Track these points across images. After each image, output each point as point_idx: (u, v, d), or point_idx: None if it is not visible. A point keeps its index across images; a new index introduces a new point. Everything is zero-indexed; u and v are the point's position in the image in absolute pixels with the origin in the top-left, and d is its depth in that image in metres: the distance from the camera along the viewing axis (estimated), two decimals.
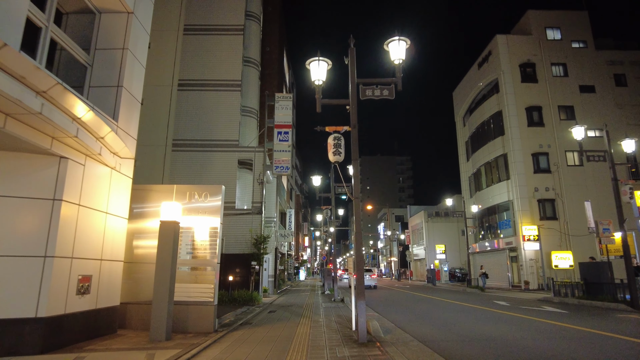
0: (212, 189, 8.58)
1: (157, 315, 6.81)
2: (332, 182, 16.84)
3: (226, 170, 16.80)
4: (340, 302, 14.59)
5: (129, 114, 8.10)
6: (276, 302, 15.49)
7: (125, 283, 8.09)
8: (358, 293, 6.51)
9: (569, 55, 26.89)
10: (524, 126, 25.76)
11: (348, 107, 7.42)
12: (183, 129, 17.39)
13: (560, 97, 26.14)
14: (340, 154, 7.19)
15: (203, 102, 17.76)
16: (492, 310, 11.86)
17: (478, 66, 30.53)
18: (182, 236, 8.23)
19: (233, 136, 17.30)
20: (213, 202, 8.47)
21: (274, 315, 10.95)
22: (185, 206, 8.38)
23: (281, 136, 16.87)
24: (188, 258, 8.18)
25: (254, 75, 20.73)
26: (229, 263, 15.51)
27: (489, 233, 29.50)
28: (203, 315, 7.90)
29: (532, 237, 23.42)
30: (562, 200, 24.38)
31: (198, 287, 8.04)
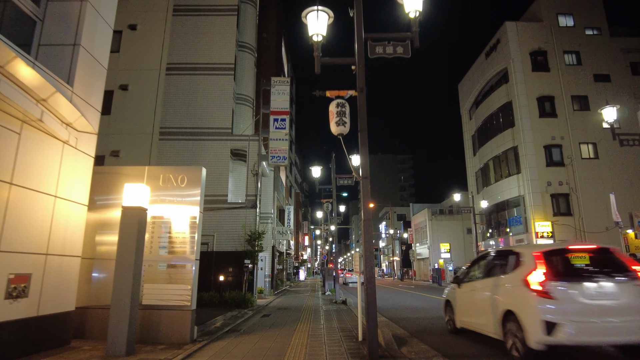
0: (190, 172, 7.21)
1: (115, 323, 5.44)
2: (333, 173, 15.47)
3: (218, 160, 15.43)
4: (342, 305, 13.22)
5: (90, 80, 6.72)
6: (272, 305, 14.11)
7: (85, 284, 6.72)
8: (369, 297, 5.12)
9: (582, 43, 25.50)
10: (535, 117, 24.37)
11: (354, 68, 6.05)
12: (171, 117, 16.03)
13: (574, 86, 24.75)
14: (345, 124, 5.81)
15: (193, 87, 16.40)
16: None
17: (485, 56, 29.14)
18: (153, 227, 6.86)
19: (225, 124, 15.93)
20: (191, 187, 7.09)
21: (268, 321, 9.57)
22: (159, 192, 7.01)
23: (277, 123, 15.50)
24: (160, 253, 6.80)
25: (250, 61, 19.36)
26: (220, 261, 14.15)
27: (497, 230, 28.10)
28: (178, 322, 6.52)
29: (546, 234, 22.03)
30: (576, 195, 22.99)
31: (172, 288, 6.66)
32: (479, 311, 6.32)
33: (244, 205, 14.91)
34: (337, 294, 14.41)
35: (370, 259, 5.36)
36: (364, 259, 5.32)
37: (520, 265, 5.42)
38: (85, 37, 6.54)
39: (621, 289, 4.85)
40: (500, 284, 5.79)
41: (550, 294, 4.81)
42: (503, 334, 5.40)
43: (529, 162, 23.59)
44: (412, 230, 49.53)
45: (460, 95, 34.61)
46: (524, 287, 5.08)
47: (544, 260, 5.14)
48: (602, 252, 5.35)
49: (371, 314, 5.19)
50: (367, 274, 5.32)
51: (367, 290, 5.23)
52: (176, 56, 16.70)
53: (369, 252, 5.37)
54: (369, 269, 5.34)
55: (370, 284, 5.23)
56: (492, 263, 6.54)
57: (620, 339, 4.78)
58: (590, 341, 4.80)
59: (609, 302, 4.77)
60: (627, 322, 4.68)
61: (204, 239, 14.55)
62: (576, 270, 5.11)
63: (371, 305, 5.19)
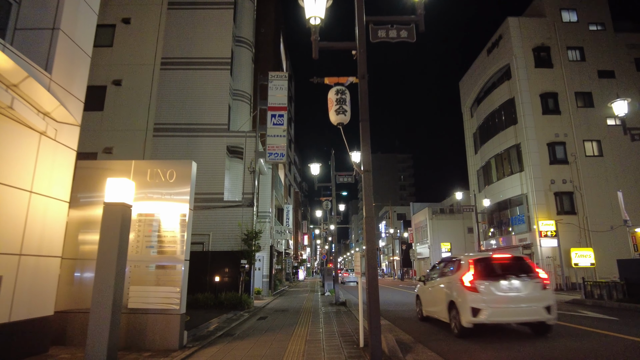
0: (179, 167, 6.76)
1: (95, 328, 4.99)
2: (333, 171, 15.01)
3: (214, 157, 14.98)
4: (341, 306, 12.78)
5: (71, 67, 6.27)
6: (269, 306, 13.67)
7: (66, 286, 6.27)
8: (371, 300, 4.67)
9: (586, 39, 25.05)
10: (538, 114, 23.92)
11: (354, 53, 5.60)
12: (166, 112, 15.57)
13: (578, 83, 24.29)
14: (345, 113, 5.35)
15: (188, 82, 15.94)
16: None
17: (487, 52, 28.68)
18: (140, 226, 6.42)
19: (221, 120, 15.46)
20: (180, 182, 6.64)
21: (264, 324, 9.12)
22: (146, 188, 6.56)
23: (275, 119, 15.05)
24: (148, 253, 6.35)
25: (247, 56, 18.91)
26: (216, 262, 13.70)
27: (499, 229, 27.66)
28: (166, 327, 6.07)
29: (550, 233, 21.58)
30: (580, 193, 22.55)
31: (160, 290, 6.21)
32: (436, 302, 8.25)
33: (241, 204, 14.46)
34: (337, 295, 13.96)
35: (373, 259, 4.91)
36: (365, 259, 4.86)
37: (459, 269, 7.41)
38: (66, 21, 6.08)
39: (525, 284, 6.83)
40: (448, 282, 7.74)
41: (476, 288, 6.78)
42: (449, 318, 7.33)
43: (532, 160, 23.14)
44: (412, 230, 49.10)
45: (461, 93, 34.15)
46: (460, 284, 7.02)
47: (474, 265, 7.12)
48: (515, 260, 7.40)
49: (374, 318, 4.75)
50: (369, 275, 4.87)
51: (369, 293, 4.78)
52: (171, 50, 16.25)
53: (372, 252, 4.93)
54: (371, 269, 4.89)
55: (373, 286, 4.79)
56: (444, 266, 8.55)
57: (523, 319, 6.90)
58: (502, 320, 6.97)
59: (516, 293, 6.77)
60: (527, 307, 6.72)
61: (199, 239, 14.10)
62: (495, 272, 7.06)
63: (374, 310, 4.74)
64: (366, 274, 4.90)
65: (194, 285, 13.36)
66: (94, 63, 16.27)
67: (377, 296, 4.74)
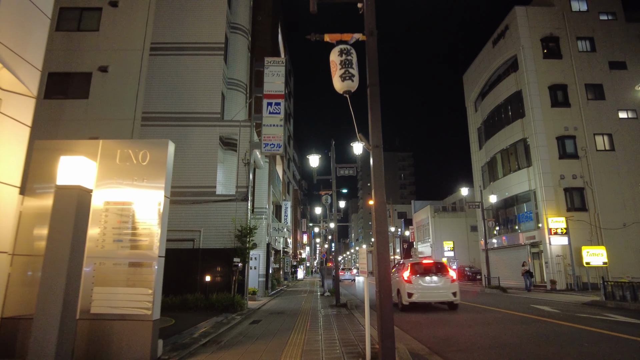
0: (154, 147, 5.78)
1: (41, 338, 4.03)
2: (333, 163, 14.04)
3: (206, 148, 14.00)
4: (342, 308, 11.82)
5: (24, 27, 5.28)
6: (265, 308, 12.70)
7: (18, 287, 5.29)
8: (384, 307, 3.70)
9: (596, 29, 24.08)
10: (547, 107, 22.96)
11: (360, 5, 4.62)
12: (155, 101, 14.58)
13: (588, 74, 23.33)
14: (352, 78, 4.37)
15: (179, 68, 14.95)
16: (547, 320, 9.07)
17: (493, 44, 27.70)
18: (106, 216, 5.45)
19: (214, 108, 14.48)
20: (155, 166, 5.67)
21: (256, 329, 8.15)
22: (115, 172, 5.59)
23: (271, 108, 14.06)
24: (115, 249, 5.37)
25: (243, 44, 17.91)
26: (208, 260, 12.74)
27: (505, 227, 26.72)
28: (136, 335, 5.10)
29: (560, 231, 20.63)
30: (591, 189, 21.60)
31: (130, 292, 5.24)
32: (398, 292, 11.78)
33: (235, 198, 13.48)
34: (337, 296, 13.00)
35: (384, 253, 3.94)
36: (375, 254, 3.88)
37: (403, 268, 11.88)
38: None
39: (440, 279, 11.08)
40: (396, 277, 11.92)
41: (411, 281, 11.04)
42: (397, 299, 11.37)
43: (541, 155, 22.18)
44: (413, 228, 48.18)
45: (465, 87, 33.19)
46: (401, 278, 11.27)
47: (410, 266, 11.56)
48: (436, 263, 12.00)
49: (386, 329, 3.78)
50: (380, 274, 3.90)
51: (380, 297, 3.80)
52: (161, 35, 15.26)
53: (383, 246, 3.95)
54: (382, 268, 3.91)
55: (384, 288, 3.81)
56: (397, 268, 13.02)
57: (439, 300, 11.19)
58: (426, 300, 11.13)
59: (435, 284, 11.01)
60: (441, 292, 11.03)
61: (190, 235, 13.14)
62: (423, 271, 11.37)
63: (387, 318, 3.77)
64: (376, 273, 3.92)
65: (183, 286, 12.43)
66: (78, 48, 15.41)
67: (389, 301, 3.78)
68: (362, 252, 5.38)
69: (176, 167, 14.13)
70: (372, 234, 4.61)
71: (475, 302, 13.62)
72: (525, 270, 20.30)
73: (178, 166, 14.28)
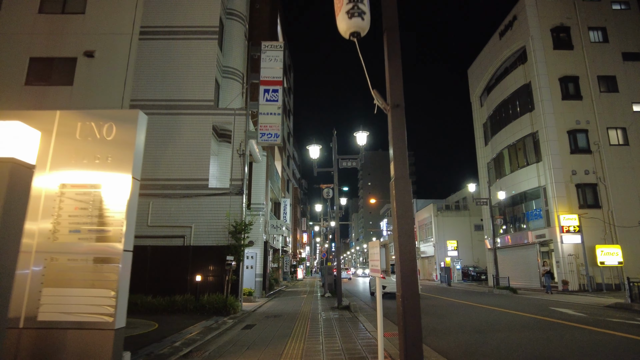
0: (121, 118, 4.82)
1: None
2: (335, 154, 13.07)
3: (198, 138, 13.02)
4: (345, 311, 10.85)
5: None
6: (261, 310, 11.73)
7: None
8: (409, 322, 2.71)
9: (608, 18, 23.09)
10: (557, 99, 21.97)
11: None
12: (144, 88, 13.61)
13: (600, 66, 22.35)
14: (362, 16, 3.36)
15: (170, 53, 13.96)
16: (579, 326, 8.09)
17: (499, 35, 26.72)
18: (61, 201, 4.48)
19: (207, 95, 13.49)
20: (122, 141, 4.70)
21: (249, 335, 7.18)
22: (74, 148, 4.62)
23: (269, 95, 13.09)
24: (71, 241, 4.40)
25: (239, 30, 16.92)
26: (199, 258, 11.76)
27: (513, 226, 25.73)
28: (93, 348, 4.12)
29: (573, 228, 19.64)
30: (605, 185, 20.61)
31: (87, 295, 4.25)
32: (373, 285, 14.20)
33: (229, 192, 12.50)
34: (339, 297, 12.02)
35: (408, 245, 2.95)
36: (396, 247, 2.89)
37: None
38: None
39: None
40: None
41: (384, 277, 13.65)
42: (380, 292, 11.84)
43: (552, 149, 21.19)
44: (415, 227, 47.20)
45: (470, 81, 32.21)
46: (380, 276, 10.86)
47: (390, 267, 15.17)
48: None
49: (412, 344, 2.79)
50: (403, 271, 2.91)
51: (404, 306, 2.81)
52: (151, 18, 14.28)
53: (406, 235, 2.97)
54: (405, 262, 2.92)
55: (410, 292, 2.83)
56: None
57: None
58: (393, 291, 12.80)
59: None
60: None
61: (180, 232, 12.16)
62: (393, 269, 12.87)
63: (412, 336, 2.78)
64: (398, 271, 2.93)
65: (172, 286, 11.45)
66: (62, 32, 14.44)
67: (417, 312, 2.79)
68: (373, 247, 4.40)
69: (166, 158, 13.22)
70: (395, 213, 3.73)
71: (488, 304, 12.64)
72: (546, 270, 18.93)
73: (168, 157, 13.35)
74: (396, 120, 3.18)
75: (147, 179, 12.61)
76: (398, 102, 3.22)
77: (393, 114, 3.19)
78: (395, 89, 3.24)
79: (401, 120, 3.19)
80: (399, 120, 3.18)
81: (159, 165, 12.75)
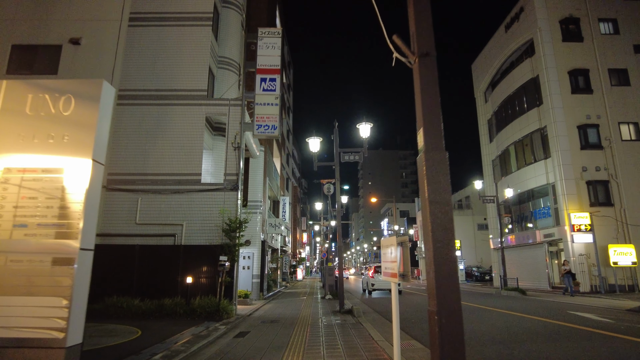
0: (81, 89, 4.00)
1: None
2: (336, 147, 12.24)
3: (190, 130, 12.19)
4: (348, 315, 10.03)
5: None
6: (257, 314, 10.91)
7: None
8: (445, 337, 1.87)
9: (619, 10, 22.28)
10: (567, 93, 21.15)
11: None
12: (133, 77, 12.79)
13: (611, 58, 21.53)
14: None
15: (161, 41, 13.14)
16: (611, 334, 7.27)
17: (505, 28, 25.91)
18: (4, 189, 3.67)
19: (200, 85, 12.67)
20: (82, 116, 3.89)
21: (240, 346, 6.36)
22: (23, 125, 3.81)
23: (266, 84, 12.27)
24: (16, 237, 3.58)
25: (235, 19, 16.10)
26: (191, 258, 10.93)
27: (519, 225, 24.91)
28: None
29: (584, 227, 18.83)
30: (617, 182, 19.80)
31: (31, 304, 3.44)
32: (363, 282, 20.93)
33: (223, 187, 11.67)
34: (341, 300, 11.20)
35: (446, 242, 2.13)
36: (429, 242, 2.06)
37: (369, 269, 20.32)
38: None
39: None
40: (366, 274, 20.64)
41: (373, 276, 18.58)
42: (367, 288, 19.54)
43: (561, 145, 20.37)
44: (417, 227, 46.37)
45: (474, 77, 31.39)
46: (369, 275, 19.56)
47: (374, 267, 19.55)
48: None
49: None
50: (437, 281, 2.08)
51: (441, 333, 1.99)
52: (141, 4, 13.47)
53: (442, 227, 2.14)
54: (441, 267, 2.10)
55: (448, 309, 2.00)
56: (367, 268, 21.71)
57: (389, 287, 17.18)
58: (383, 288, 18.43)
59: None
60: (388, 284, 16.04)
61: (170, 230, 11.35)
62: (379, 269, 17.20)
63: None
64: (430, 277, 2.10)
65: (161, 288, 10.61)
66: (46, 17, 13.60)
67: (459, 338, 1.98)
68: (388, 244, 3.57)
69: (156, 152, 12.36)
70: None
71: (499, 307, 11.81)
72: (567, 270, 17.28)
73: (158, 151, 12.51)
74: (426, 74, 2.38)
75: (135, 174, 11.82)
76: (427, 49, 2.41)
77: (421, 66, 2.39)
78: (423, 33, 2.43)
79: (432, 74, 2.39)
80: (429, 73, 2.38)
81: (148, 159, 11.93)
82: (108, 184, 11.68)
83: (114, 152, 11.94)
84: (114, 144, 12.02)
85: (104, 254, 11.03)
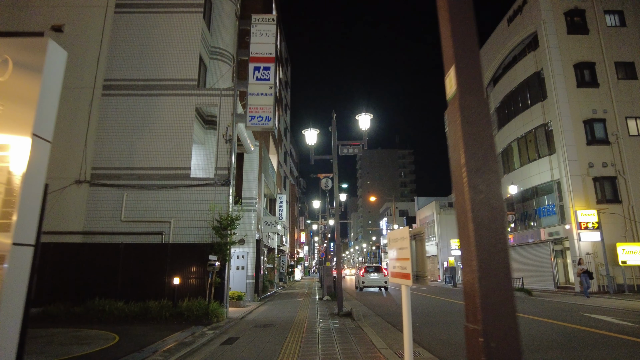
0: (21, 49, 3.28)
1: None
2: (334, 140, 11.55)
3: (179, 122, 11.48)
4: (347, 318, 9.34)
5: None
6: (250, 317, 10.20)
7: None
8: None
9: (626, 1, 21.65)
10: (572, 87, 20.51)
11: None
12: (119, 66, 12.07)
13: (617, 51, 20.90)
14: None
15: (149, 28, 12.42)
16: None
17: (508, 22, 25.25)
18: None
19: (190, 74, 11.95)
20: (22, 81, 3.18)
21: (226, 355, 5.65)
22: None
23: (259, 73, 11.56)
24: None
25: (229, 9, 15.38)
26: (179, 258, 10.22)
27: (523, 223, 24.26)
28: None
29: (591, 225, 18.17)
30: (624, 178, 19.16)
31: None
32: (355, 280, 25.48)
33: (213, 182, 10.96)
34: (340, 302, 10.51)
35: (494, 228, 1.42)
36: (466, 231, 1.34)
37: (360, 268, 24.11)
38: None
39: (378, 274, 21.41)
40: (357, 273, 24.57)
41: (363, 275, 21.52)
42: (358, 286, 22.42)
43: (566, 140, 19.73)
44: (417, 226, 45.71)
45: None
46: (359, 274, 22.45)
47: (364, 267, 22.72)
48: (376, 265, 23.29)
49: None
50: (481, 288, 1.36)
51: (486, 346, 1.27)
52: None
53: (488, 205, 1.44)
54: (486, 264, 1.38)
55: (500, 328, 1.28)
56: (358, 268, 28.93)
57: (378, 285, 21.31)
58: (372, 285, 21.47)
59: (375, 277, 21.28)
60: (379, 281, 21.15)
61: (157, 227, 10.63)
62: (369, 269, 22.04)
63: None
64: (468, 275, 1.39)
65: (147, 289, 9.88)
66: (28, 3, 12.86)
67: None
68: (397, 236, 2.86)
69: (143, 145, 11.59)
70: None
71: None
72: (583, 269, 16.21)
73: (145, 144, 11.76)
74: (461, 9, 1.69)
75: (120, 168, 11.10)
76: None
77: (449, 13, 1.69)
78: None
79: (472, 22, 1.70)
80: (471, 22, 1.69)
81: (134, 153, 11.21)
82: (92, 178, 10.97)
83: (98, 145, 11.24)
84: (98, 137, 11.31)
85: (87, 253, 10.35)
